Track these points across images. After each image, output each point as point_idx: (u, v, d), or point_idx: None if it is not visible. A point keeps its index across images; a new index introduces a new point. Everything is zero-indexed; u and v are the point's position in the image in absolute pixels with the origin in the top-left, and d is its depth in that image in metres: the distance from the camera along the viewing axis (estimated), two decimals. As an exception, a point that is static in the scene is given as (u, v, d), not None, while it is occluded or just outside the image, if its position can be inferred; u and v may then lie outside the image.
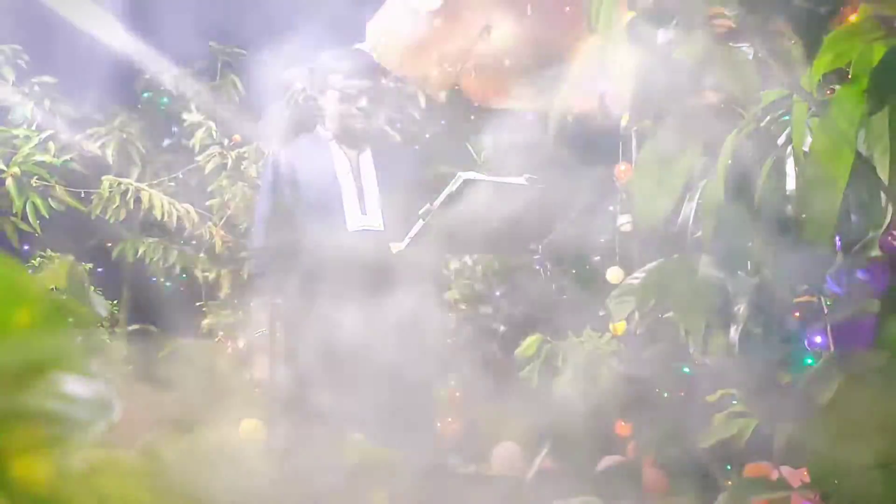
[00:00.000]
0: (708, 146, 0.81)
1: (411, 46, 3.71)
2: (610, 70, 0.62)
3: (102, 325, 3.75)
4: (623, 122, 3.47)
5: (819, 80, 0.75)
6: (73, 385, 0.22)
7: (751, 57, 0.75)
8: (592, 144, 3.81)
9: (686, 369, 2.98)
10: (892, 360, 0.48)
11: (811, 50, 0.55)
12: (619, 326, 2.78)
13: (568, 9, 3.36)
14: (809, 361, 1.04)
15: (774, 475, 2.57)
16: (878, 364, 0.48)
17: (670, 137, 0.69)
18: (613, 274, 3.26)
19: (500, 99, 4.22)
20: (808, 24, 0.53)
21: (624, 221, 3.30)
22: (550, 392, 1.62)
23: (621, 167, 3.38)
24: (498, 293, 3.75)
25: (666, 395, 3.33)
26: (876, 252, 0.74)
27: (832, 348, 1.21)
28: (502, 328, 3.76)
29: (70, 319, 0.23)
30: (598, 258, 3.78)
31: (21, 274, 0.23)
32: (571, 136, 4.25)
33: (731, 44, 0.67)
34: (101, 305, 0.37)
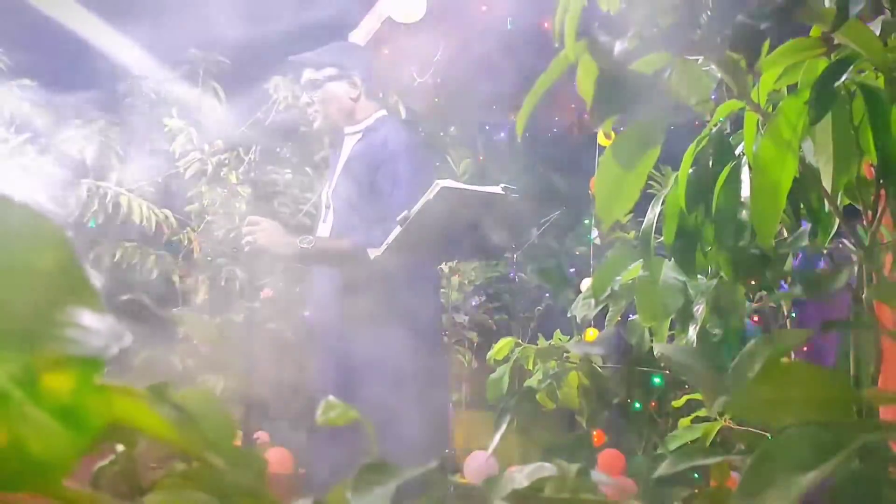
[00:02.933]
0: (667, 154, 0.86)
1: (392, 58, 3.78)
2: (579, 78, 0.67)
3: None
4: (599, 138, 3.54)
5: (769, 94, 0.81)
6: (89, 318, 0.26)
7: (706, 70, 0.81)
8: (570, 158, 3.89)
9: (657, 379, 3.04)
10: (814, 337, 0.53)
11: (752, 62, 0.60)
12: (591, 335, 2.84)
13: (547, 25, 3.44)
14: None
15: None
16: (800, 340, 0.53)
17: (629, 143, 0.74)
18: (587, 285, 3.32)
19: (479, 111, 4.30)
20: (749, 39, 0.58)
21: (598, 234, 3.37)
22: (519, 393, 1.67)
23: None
24: (473, 303, 3.80)
25: (638, 405, 3.38)
26: (804, 242, 0.80)
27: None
28: (477, 338, 3.81)
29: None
30: (573, 269, 3.85)
31: (47, 223, 0.27)
32: (549, 150, 4.33)
33: (686, 56, 0.73)
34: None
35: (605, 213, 0.78)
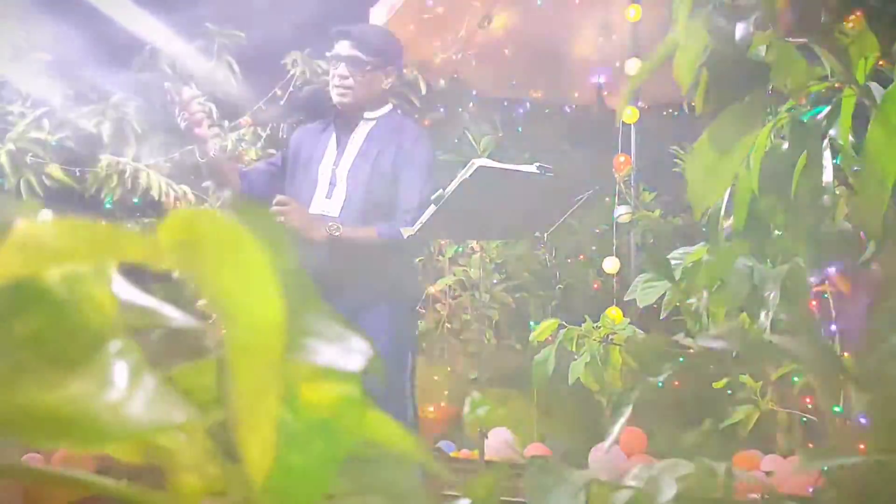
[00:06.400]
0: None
1: (413, 33, 3.73)
2: (678, 62, 0.65)
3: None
4: (622, 115, 3.49)
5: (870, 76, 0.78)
6: (327, 328, 0.25)
7: (802, 52, 0.78)
8: (590, 135, 3.86)
9: (682, 359, 3.03)
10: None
11: (886, 46, 0.59)
12: (617, 316, 2.81)
13: (578, 0, 3.39)
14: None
15: (762, 464, 2.62)
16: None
17: (727, 128, 0.72)
18: (610, 264, 3.31)
19: (499, 88, 4.26)
20: (882, 23, 0.56)
21: (622, 212, 3.35)
22: (561, 378, 1.67)
23: (620, 159, 3.42)
24: (495, 280, 3.79)
25: (660, 384, 3.38)
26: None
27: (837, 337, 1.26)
28: (497, 315, 3.80)
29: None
30: (594, 248, 3.83)
31: (281, 230, 0.25)
32: (569, 127, 4.28)
33: (789, 39, 0.71)
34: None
35: (697, 198, 0.76)
